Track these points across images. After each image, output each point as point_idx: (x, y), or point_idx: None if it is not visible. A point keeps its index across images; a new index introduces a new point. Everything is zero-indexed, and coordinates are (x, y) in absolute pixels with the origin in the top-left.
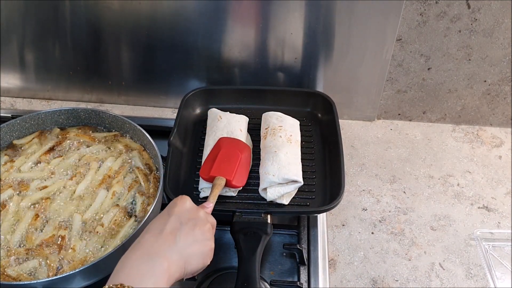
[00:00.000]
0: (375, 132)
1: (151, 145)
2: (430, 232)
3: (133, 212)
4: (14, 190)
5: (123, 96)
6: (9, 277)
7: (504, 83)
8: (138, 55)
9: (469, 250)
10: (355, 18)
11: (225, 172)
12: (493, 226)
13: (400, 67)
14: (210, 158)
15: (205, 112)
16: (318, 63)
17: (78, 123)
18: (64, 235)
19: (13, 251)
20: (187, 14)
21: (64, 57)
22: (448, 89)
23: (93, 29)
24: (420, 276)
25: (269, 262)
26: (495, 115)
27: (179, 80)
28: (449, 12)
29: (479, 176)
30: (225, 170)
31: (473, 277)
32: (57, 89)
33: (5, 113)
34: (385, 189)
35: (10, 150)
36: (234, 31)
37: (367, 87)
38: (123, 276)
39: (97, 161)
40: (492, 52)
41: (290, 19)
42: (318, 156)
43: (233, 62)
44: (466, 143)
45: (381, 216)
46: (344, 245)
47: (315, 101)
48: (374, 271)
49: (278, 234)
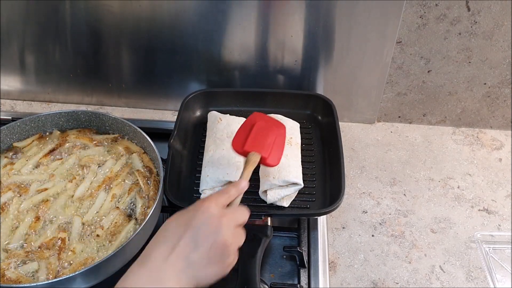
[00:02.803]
0: (375, 134)
1: (151, 148)
2: (430, 235)
3: (133, 214)
4: (14, 193)
5: (124, 98)
6: (9, 280)
7: (504, 86)
8: (138, 57)
9: (469, 252)
10: (355, 21)
11: (260, 147)
12: (494, 228)
13: (400, 70)
14: (243, 130)
15: (205, 114)
16: (318, 66)
17: (78, 126)
18: (64, 237)
19: (13, 254)
20: (187, 17)
21: (65, 59)
22: (448, 92)
23: (93, 32)
24: (421, 279)
25: (269, 265)
26: (495, 117)
27: (179, 83)
28: (449, 14)
29: (479, 179)
30: (260, 145)
31: (474, 279)
32: (57, 92)
33: (5, 115)
34: (385, 191)
35: (10, 152)
36: (234, 33)
37: (367, 90)
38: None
39: (97, 164)
40: (492, 54)
41: (290, 21)
42: (318, 159)
43: (233, 64)
44: (466, 146)
45: (381, 219)
46: (344, 247)
47: (315, 104)
48: (374, 273)
49: (278, 237)
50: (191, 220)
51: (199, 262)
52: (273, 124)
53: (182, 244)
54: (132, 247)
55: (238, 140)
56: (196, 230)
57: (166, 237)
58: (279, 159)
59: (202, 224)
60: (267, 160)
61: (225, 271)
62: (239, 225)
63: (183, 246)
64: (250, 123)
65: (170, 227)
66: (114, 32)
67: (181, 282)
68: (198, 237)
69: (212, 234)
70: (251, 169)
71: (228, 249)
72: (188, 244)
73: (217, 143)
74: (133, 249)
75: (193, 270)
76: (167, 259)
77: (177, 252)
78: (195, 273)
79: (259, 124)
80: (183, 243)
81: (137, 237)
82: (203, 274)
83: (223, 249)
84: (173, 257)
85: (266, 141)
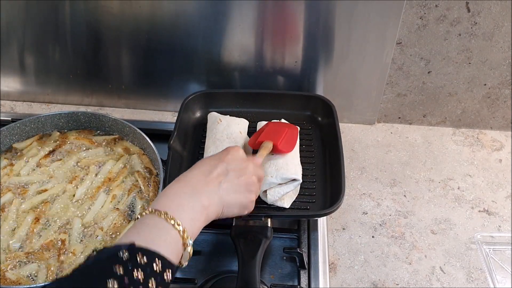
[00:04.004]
0: (375, 135)
1: (151, 149)
2: (430, 236)
3: (133, 215)
4: (13, 194)
5: (123, 99)
6: (9, 281)
7: (504, 87)
8: (138, 58)
9: (469, 253)
10: (355, 22)
11: (272, 137)
12: (494, 229)
13: (400, 71)
14: (258, 132)
15: (205, 115)
16: (318, 67)
17: (78, 127)
18: (64, 238)
19: (13, 255)
20: (187, 18)
21: (64, 60)
22: (448, 93)
23: (93, 33)
24: (421, 280)
25: (269, 266)
26: (495, 118)
27: (179, 84)
28: (449, 15)
29: (480, 180)
30: (272, 136)
31: (474, 280)
32: (57, 93)
33: (5, 116)
34: (385, 192)
35: (10, 153)
36: (234, 34)
37: (367, 91)
38: (167, 203)
39: (96, 165)
40: (492, 55)
41: (290, 22)
42: (318, 160)
43: (233, 65)
44: (466, 147)
45: (382, 220)
46: (344, 248)
47: (315, 105)
48: (374, 275)
49: (279, 238)
50: (225, 156)
51: (228, 188)
52: (285, 125)
53: (216, 172)
54: None
55: (253, 139)
56: (228, 163)
57: (201, 166)
58: (292, 146)
59: (233, 160)
60: (278, 146)
61: (247, 205)
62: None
63: (217, 173)
64: (265, 126)
65: (205, 161)
66: (114, 33)
67: (212, 201)
68: (230, 166)
69: (240, 170)
70: (264, 153)
71: (253, 185)
72: (221, 173)
73: (216, 144)
74: None
75: (223, 194)
76: (203, 179)
77: (211, 177)
78: (224, 196)
79: (272, 124)
80: (217, 170)
81: None
82: (230, 199)
83: (248, 184)
84: (208, 180)
85: (278, 133)
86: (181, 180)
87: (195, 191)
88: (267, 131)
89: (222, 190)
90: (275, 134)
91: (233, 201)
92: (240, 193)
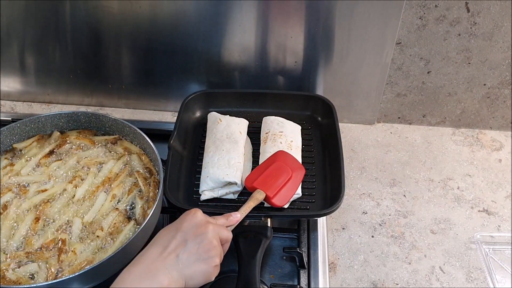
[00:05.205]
0: (375, 135)
1: (151, 149)
2: (430, 236)
3: (133, 215)
4: (14, 194)
5: (123, 99)
6: (9, 281)
7: (504, 87)
8: (138, 58)
9: (469, 253)
10: (354, 22)
11: (268, 187)
12: (493, 229)
13: (400, 71)
14: (261, 167)
15: (205, 115)
16: (318, 67)
17: (78, 127)
18: (65, 238)
19: (13, 255)
20: (187, 18)
21: (64, 60)
22: (447, 93)
23: (93, 33)
24: (421, 280)
25: (269, 266)
26: (495, 118)
27: (179, 84)
28: (449, 15)
29: (479, 180)
30: (268, 184)
31: (474, 280)
32: (57, 93)
33: (5, 116)
34: (385, 192)
35: (10, 153)
36: (234, 34)
37: (367, 91)
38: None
39: (96, 165)
40: (491, 55)
41: (290, 22)
42: (318, 160)
43: (233, 65)
44: (466, 147)
45: (381, 220)
46: (344, 248)
47: (315, 105)
48: (374, 274)
49: (278, 238)
50: (181, 224)
51: (188, 259)
52: (291, 166)
53: (173, 244)
54: (132, 248)
55: (253, 176)
56: (185, 232)
57: (158, 241)
58: (287, 201)
59: (190, 227)
60: (271, 199)
61: (211, 272)
62: (222, 238)
63: (174, 245)
64: (270, 162)
65: (161, 233)
66: (114, 33)
67: (172, 277)
68: (187, 237)
69: (199, 235)
70: (252, 205)
71: (215, 249)
72: (178, 244)
73: (216, 144)
74: (132, 250)
75: (183, 267)
76: (159, 256)
77: (169, 251)
78: (184, 269)
79: (277, 164)
80: (173, 243)
81: (136, 238)
82: (191, 270)
83: (210, 249)
84: (165, 255)
85: (276, 182)
86: (139, 262)
87: (153, 272)
88: (267, 175)
89: (182, 263)
90: (273, 181)
91: (195, 272)
92: (201, 261)
